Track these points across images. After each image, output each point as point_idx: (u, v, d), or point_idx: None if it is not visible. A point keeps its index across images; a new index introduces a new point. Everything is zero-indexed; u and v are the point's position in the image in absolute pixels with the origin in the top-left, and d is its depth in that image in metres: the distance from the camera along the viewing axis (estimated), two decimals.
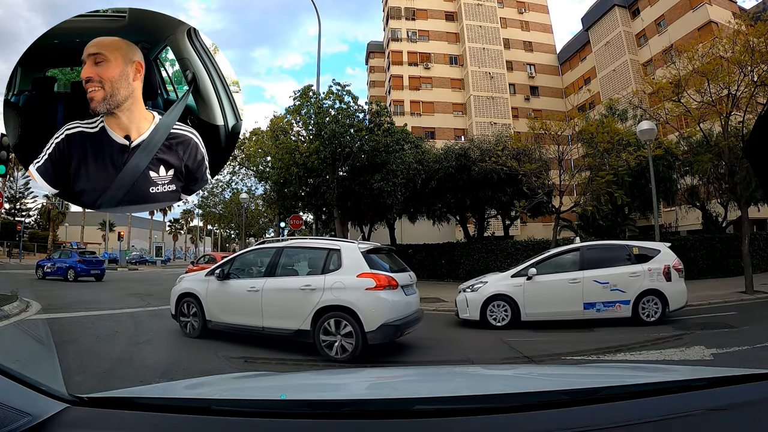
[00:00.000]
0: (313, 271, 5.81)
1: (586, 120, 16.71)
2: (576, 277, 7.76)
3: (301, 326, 5.47)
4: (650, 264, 7.77)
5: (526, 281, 7.84)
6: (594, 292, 7.63)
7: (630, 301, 7.56)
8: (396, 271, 5.94)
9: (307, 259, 6.12)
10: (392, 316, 5.38)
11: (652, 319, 7.53)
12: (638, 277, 7.67)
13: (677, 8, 28.16)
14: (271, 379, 1.94)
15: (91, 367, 4.74)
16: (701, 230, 19.50)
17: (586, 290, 7.64)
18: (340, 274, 5.52)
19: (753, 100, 12.43)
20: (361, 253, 5.64)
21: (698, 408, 1.05)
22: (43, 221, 47.33)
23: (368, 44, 48.58)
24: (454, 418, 1.03)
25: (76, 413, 1.03)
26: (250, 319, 5.91)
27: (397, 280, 5.62)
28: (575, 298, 7.64)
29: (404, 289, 5.80)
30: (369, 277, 5.40)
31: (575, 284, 7.70)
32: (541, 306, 7.73)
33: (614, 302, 7.60)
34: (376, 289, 5.36)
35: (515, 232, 28.23)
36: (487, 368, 3.10)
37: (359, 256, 5.60)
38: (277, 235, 22.47)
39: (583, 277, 7.73)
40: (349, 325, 5.28)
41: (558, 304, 7.70)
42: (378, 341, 5.26)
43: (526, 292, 7.77)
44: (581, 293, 7.63)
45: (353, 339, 5.26)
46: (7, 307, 8.03)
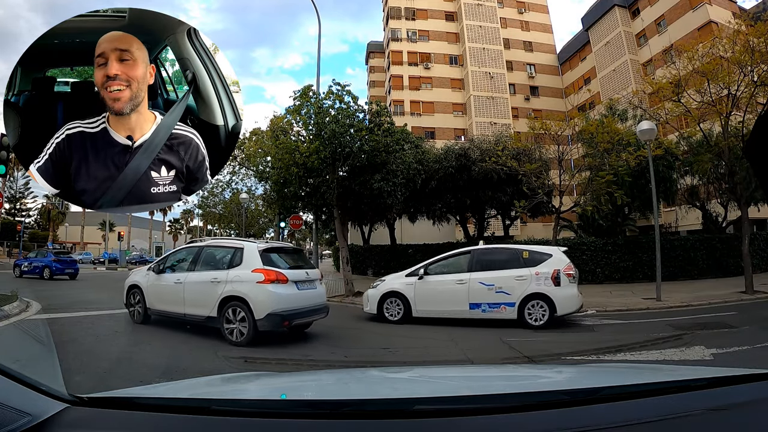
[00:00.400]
0: (222, 267, 6.63)
1: (586, 120, 16.70)
2: (463, 279, 8.11)
3: (210, 313, 6.33)
4: (539, 268, 7.90)
5: (417, 280, 8.40)
6: (480, 293, 7.92)
7: (515, 304, 7.76)
8: (292, 268, 6.69)
9: (219, 256, 6.86)
10: (279, 307, 6.11)
11: (539, 323, 7.65)
12: (524, 280, 7.84)
13: (677, 8, 28.15)
14: (271, 379, 1.94)
15: (91, 367, 4.74)
16: (701, 230, 19.50)
17: (472, 291, 7.98)
18: (240, 269, 6.36)
19: (753, 100, 12.43)
20: (258, 252, 6.46)
21: (698, 408, 1.05)
22: (43, 221, 47.35)
23: (368, 44, 48.61)
24: (454, 418, 1.03)
25: (76, 413, 1.03)
26: (175, 307, 6.83)
27: (287, 275, 6.37)
28: (461, 298, 8.01)
29: (297, 284, 6.53)
30: (260, 272, 6.20)
31: (462, 285, 8.05)
32: (430, 304, 8.26)
33: (499, 304, 7.84)
34: (265, 282, 6.15)
35: (515, 232, 28.23)
36: (487, 368, 3.10)
37: (256, 254, 6.42)
38: (277, 235, 22.45)
39: (470, 278, 8.06)
40: (243, 313, 6.08)
41: (445, 303, 8.16)
42: (267, 328, 6.06)
43: (417, 290, 8.33)
44: (467, 294, 7.99)
45: (247, 325, 6.06)
46: (7, 307, 8.03)
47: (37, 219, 49.32)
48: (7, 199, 43.66)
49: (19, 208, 47.92)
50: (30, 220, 49.08)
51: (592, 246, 17.24)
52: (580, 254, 17.17)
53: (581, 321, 8.64)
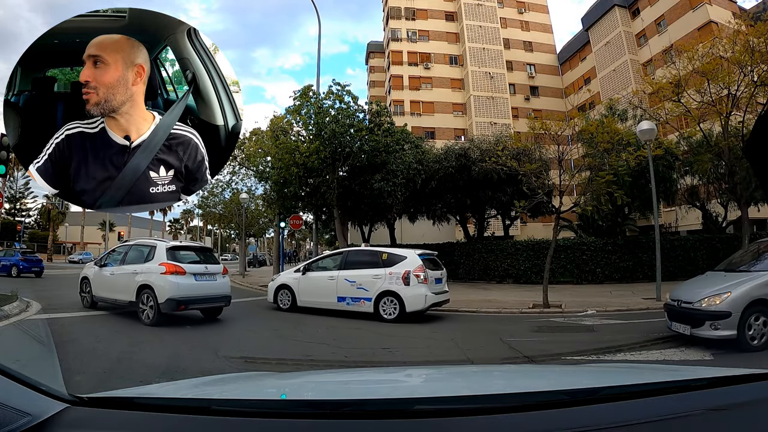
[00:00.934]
0: (140, 261, 8.19)
1: (586, 120, 16.72)
2: (333, 275, 9.42)
3: (131, 299, 7.88)
4: (393, 268, 8.84)
5: (301, 276, 9.85)
6: (345, 288, 9.14)
7: (372, 299, 8.84)
8: (195, 263, 8.20)
9: (140, 253, 8.42)
10: (177, 294, 7.57)
11: (390, 317, 8.60)
12: (379, 279, 8.88)
13: (677, 8, 28.15)
14: (271, 379, 1.94)
15: (91, 367, 4.74)
16: (701, 230, 19.49)
17: (339, 286, 9.21)
18: (151, 263, 7.93)
19: (753, 100, 12.44)
20: (165, 249, 8.01)
21: (698, 408, 1.05)
22: (43, 221, 47.32)
23: (368, 44, 48.61)
24: (454, 418, 1.03)
25: (76, 413, 1.03)
26: (110, 294, 8.58)
27: (185, 269, 7.87)
28: (331, 291, 9.28)
29: (195, 276, 7.99)
30: (163, 265, 7.73)
31: (332, 281, 9.37)
32: (309, 296, 9.65)
33: (360, 298, 8.99)
34: (166, 273, 7.65)
35: (515, 232, 28.24)
36: (487, 368, 3.10)
37: (163, 251, 7.97)
38: (277, 235, 22.48)
39: (338, 275, 9.33)
40: (151, 298, 7.57)
41: (319, 296, 9.49)
42: (167, 311, 7.51)
43: (300, 284, 9.77)
44: (335, 288, 9.24)
45: (154, 308, 7.54)
46: (7, 307, 8.03)
47: (37, 219, 49.31)
48: (7, 199, 43.66)
49: (19, 208, 47.92)
50: (30, 220, 49.11)
51: (592, 246, 17.24)
52: (580, 254, 17.20)
53: (581, 321, 8.65)
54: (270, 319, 9.07)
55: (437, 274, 9.31)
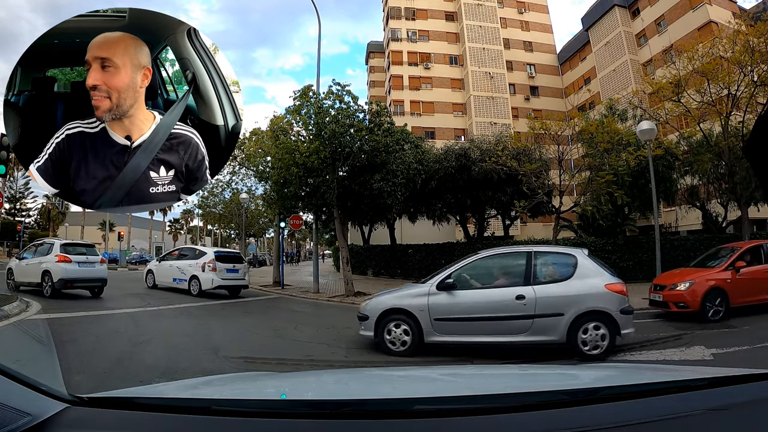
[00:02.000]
0: (44, 254, 11.32)
1: (586, 120, 16.70)
2: (172, 264, 14.22)
3: (37, 281, 11.14)
4: (200, 260, 13.24)
5: (157, 264, 15.30)
6: (177, 273, 13.71)
7: (187, 280, 13.25)
8: (79, 255, 11.29)
9: (45, 248, 11.62)
10: (65, 276, 10.76)
11: (195, 293, 12.78)
12: (191, 267, 13.28)
13: (677, 8, 28.15)
14: (271, 379, 1.94)
15: (91, 367, 4.74)
16: (701, 230, 19.47)
17: (175, 272, 13.83)
18: (50, 255, 11.05)
19: (753, 100, 12.44)
20: (59, 246, 11.31)
21: (698, 408, 1.05)
22: (43, 221, 47.36)
23: (368, 44, 48.60)
24: (454, 418, 1.03)
25: (76, 413, 1.03)
26: (25, 278, 11.61)
27: (71, 258, 10.96)
28: (172, 275, 13.90)
29: (78, 264, 11.09)
30: (57, 257, 10.88)
31: (171, 267, 14.11)
32: (163, 278, 14.29)
33: (182, 279, 13.45)
34: (58, 261, 10.84)
35: (515, 232, 28.22)
36: (487, 368, 3.10)
37: (58, 247, 11.22)
38: (277, 235, 22.47)
39: (174, 264, 14.13)
40: (50, 279, 10.79)
41: (168, 278, 13.98)
42: (59, 288, 10.71)
43: (156, 270, 14.86)
44: (174, 272, 13.86)
45: (51, 286, 10.76)
46: (7, 307, 8.03)
47: (37, 219, 49.32)
48: (7, 199, 43.67)
49: (19, 208, 47.91)
50: (30, 220, 49.07)
51: (592, 246, 17.16)
52: None
53: None
54: (270, 320, 9.07)
55: (230, 266, 13.20)
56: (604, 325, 5.48)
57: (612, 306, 5.56)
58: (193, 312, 9.99)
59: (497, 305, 5.70)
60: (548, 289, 5.66)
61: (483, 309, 5.76)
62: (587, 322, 5.49)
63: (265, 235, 41.33)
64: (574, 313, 5.47)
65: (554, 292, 5.63)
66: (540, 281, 5.75)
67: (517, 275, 5.87)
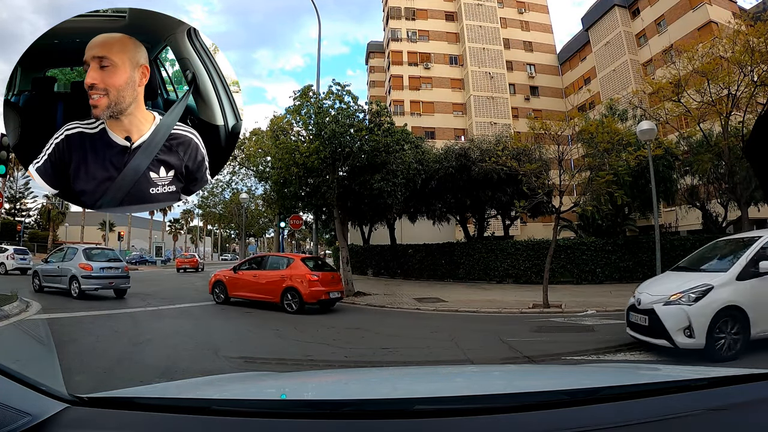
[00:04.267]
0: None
1: (586, 120, 16.71)
2: None
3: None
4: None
5: None
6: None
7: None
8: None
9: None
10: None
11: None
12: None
13: (677, 8, 28.14)
14: (271, 379, 1.94)
15: (91, 367, 4.74)
16: (701, 230, 19.47)
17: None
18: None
19: (753, 100, 12.44)
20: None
21: (698, 408, 1.04)
22: (43, 221, 47.33)
23: (368, 44, 48.61)
24: (454, 418, 1.03)
25: (76, 413, 1.03)
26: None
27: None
28: None
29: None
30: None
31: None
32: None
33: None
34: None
35: (515, 232, 28.23)
36: (487, 368, 3.10)
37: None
38: (277, 235, 22.47)
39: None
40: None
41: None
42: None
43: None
44: None
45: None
46: (7, 307, 8.03)
47: (37, 219, 49.31)
48: (7, 199, 43.66)
49: (19, 208, 47.92)
50: (30, 220, 49.09)
51: (592, 246, 17.23)
52: (580, 254, 17.20)
53: (581, 321, 8.64)
54: (270, 320, 9.07)
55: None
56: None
57: None
58: (194, 312, 9.99)
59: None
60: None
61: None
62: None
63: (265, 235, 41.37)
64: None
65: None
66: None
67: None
